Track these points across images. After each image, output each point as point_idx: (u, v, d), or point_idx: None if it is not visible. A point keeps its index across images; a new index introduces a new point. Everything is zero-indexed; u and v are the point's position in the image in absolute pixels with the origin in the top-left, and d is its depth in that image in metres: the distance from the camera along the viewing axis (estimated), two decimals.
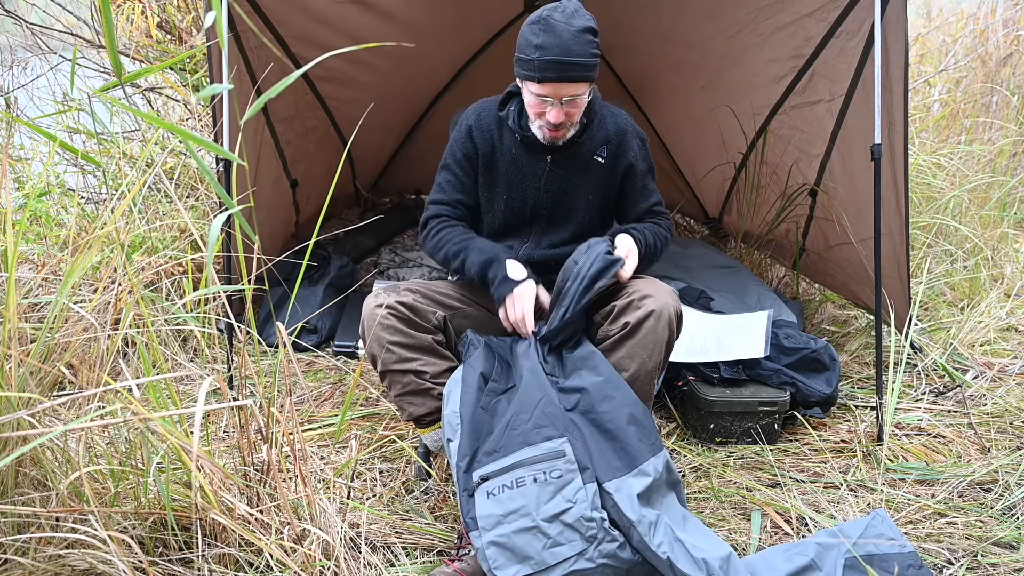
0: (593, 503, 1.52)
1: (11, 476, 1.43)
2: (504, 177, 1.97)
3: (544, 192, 1.96)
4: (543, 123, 1.84)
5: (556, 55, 1.71)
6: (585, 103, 1.84)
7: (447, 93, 3.72)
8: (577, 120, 1.87)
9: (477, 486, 1.57)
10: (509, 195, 1.97)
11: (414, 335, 1.77)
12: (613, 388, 1.65)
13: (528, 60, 1.75)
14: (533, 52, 1.73)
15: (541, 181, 1.95)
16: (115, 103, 2.75)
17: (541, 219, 1.99)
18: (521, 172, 1.96)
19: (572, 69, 1.73)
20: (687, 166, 3.79)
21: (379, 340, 1.74)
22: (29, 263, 2.54)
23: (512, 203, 1.98)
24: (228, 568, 1.51)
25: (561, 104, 1.78)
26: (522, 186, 1.96)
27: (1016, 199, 3.96)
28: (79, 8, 3.98)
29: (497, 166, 1.97)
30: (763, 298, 2.79)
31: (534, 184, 1.96)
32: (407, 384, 1.77)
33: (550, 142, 1.89)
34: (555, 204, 1.97)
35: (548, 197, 1.97)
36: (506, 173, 1.96)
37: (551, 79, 1.74)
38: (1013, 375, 2.63)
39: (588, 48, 1.74)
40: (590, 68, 1.76)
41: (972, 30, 4.78)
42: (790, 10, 2.51)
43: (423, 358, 1.77)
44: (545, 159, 1.94)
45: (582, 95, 1.80)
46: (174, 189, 3.01)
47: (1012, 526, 1.83)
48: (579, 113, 1.85)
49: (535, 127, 1.88)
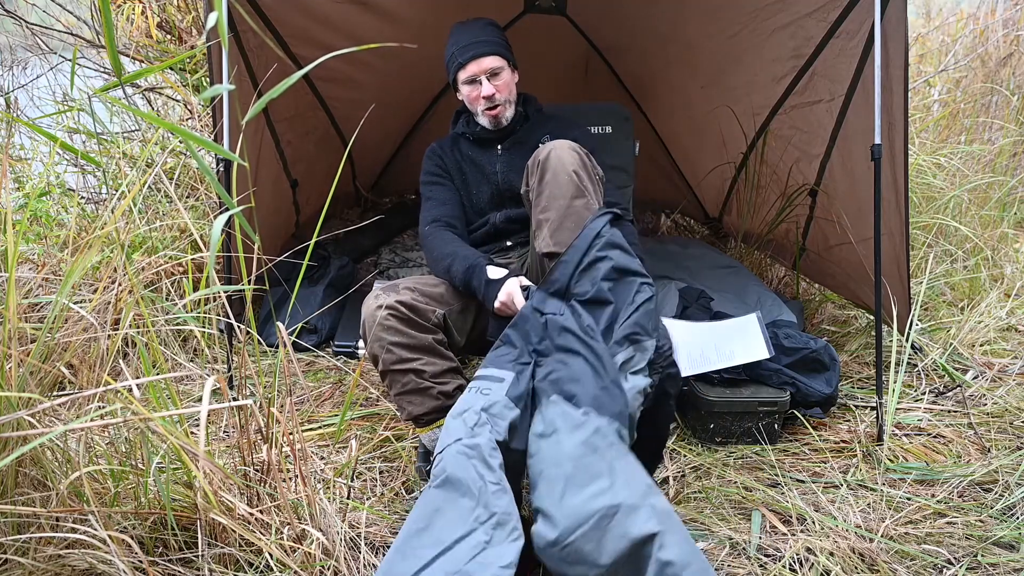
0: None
1: (11, 476, 1.43)
2: (469, 175, 2.27)
3: (501, 175, 2.25)
4: (482, 105, 2.17)
5: (469, 40, 2.14)
6: (509, 81, 2.19)
7: (447, 93, 3.72)
8: (510, 98, 2.20)
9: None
10: (476, 188, 2.27)
11: (414, 335, 1.78)
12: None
13: (450, 57, 2.18)
14: (452, 49, 2.17)
15: (497, 166, 2.25)
16: (115, 103, 2.76)
17: (505, 194, 2.25)
18: (480, 167, 2.26)
19: (484, 45, 2.13)
20: (687, 166, 3.79)
21: (380, 341, 1.75)
22: (29, 263, 2.54)
23: (481, 194, 2.26)
24: (228, 568, 1.51)
25: (488, 79, 2.13)
26: (484, 176, 2.26)
27: (1016, 199, 3.96)
28: (79, 8, 3.98)
29: (463, 171, 2.28)
30: (763, 298, 2.79)
31: (492, 171, 2.26)
32: (407, 384, 1.78)
33: (494, 124, 2.21)
34: (511, 181, 2.23)
35: (505, 178, 2.24)
36: (470, 173, 2.27)
37: (470, 58, 2.12)
38: (1013, 375, 2.63)
39: (493, 33, 2.17)
40: (500, 45, 2.16)
41: (972, 30, 4.79)
42: (790, 10, 2.51)
43: (423, 358, 1.79)
44: (496, 148, 2.27)
45: (503, 69, 2.15)
46: (174, 189, 3.01)
47: (1012, 526, 1.83)
48: (508, 89, 2.18)
49: (480, 117, 2.21)
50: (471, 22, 2.20)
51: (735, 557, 1.73)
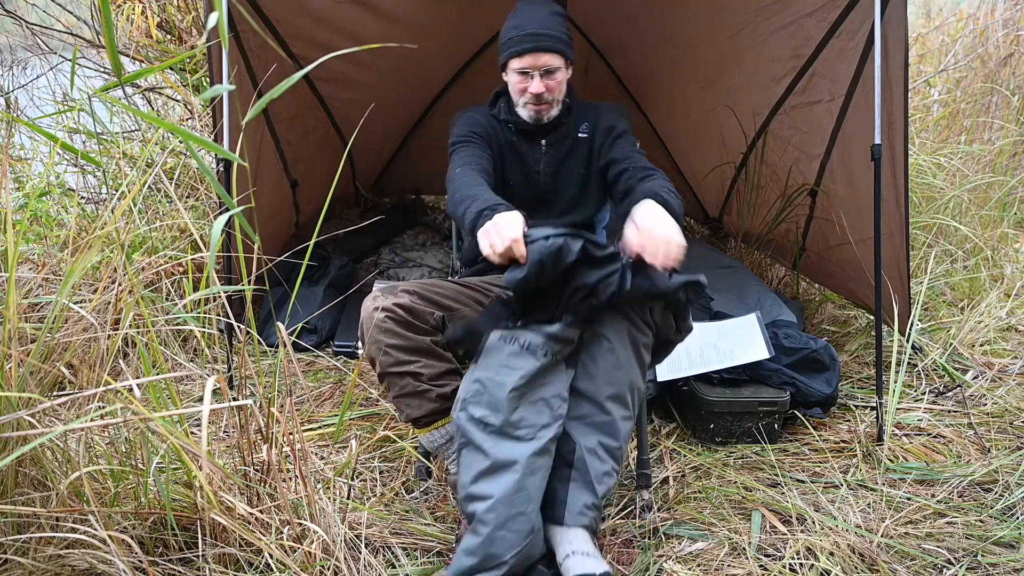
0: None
1: (11, 476, 1.43)
2: (507, 163, 2.11)
3: (544, 175, 2.12)
4: (527, 99, 2.01)
5: (532, 29, 1.95)
6: (563, 80, 2.02)
7: (447, 93, 3.72)
8: (558, 98, 2.03)
9: None
10: (515, 180, 2.12)
11: (412, 337, 1.77)
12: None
13: (508, 39, 1.98)
14: (512, 31, 1.97)
15: (540, 164, 2.11)
16: (115, 103, 2.76)
17: (545, 196, 2.12)
18: (521, 157, 2.11)
19: (546, 40, 1.95)
20: (687, 166, 3.79)
21: (377, 343, 1.74)
22: (29, 263, 2.54)
23: (518, 188, 2.11)
24: (228, 568, 1.51)
25: (541, 76, 1.97)
26: (523, 170, 2.11)
27: (1016, 199, 3.97)
28: (79, 8, 3.98)
29: (503, 152, 2.11)
30: (763, 298, 2.79)
31: (534, 168, 2.11)
32: (404, 386, 1.76)
33: (536, 119, 2.04)
34: (555, 182, 2.12)
35: (548, 178, 2.12)
36: (509, 160, 2.11)
37: (529, 50, 1.95)
38: (1013, 375, 2.63)
39: (560, 26, 1.98)
40: (563, 43, 1.98)
41: (972, 30, 4.78)
42: (790, 10, 2.51)
43: (421, 360, 1.77)
44: (540, 143, 2.10)
45: (559, 69, 1.99)
46: (174, 189, 3.01)
47: (1012, 526, 1.83)
48: (559, 89, 2.02)
49: (521, 108, 2.05)
50: (538, 5, 2.00)
51: (735, 557, 1.73)
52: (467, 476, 1.55)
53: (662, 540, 1.78)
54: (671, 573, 1.66)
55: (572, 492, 1.58)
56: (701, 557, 1.72)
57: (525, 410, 1.56)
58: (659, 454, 2.18)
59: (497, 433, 1.54)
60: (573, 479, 1.59)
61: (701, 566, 1.69)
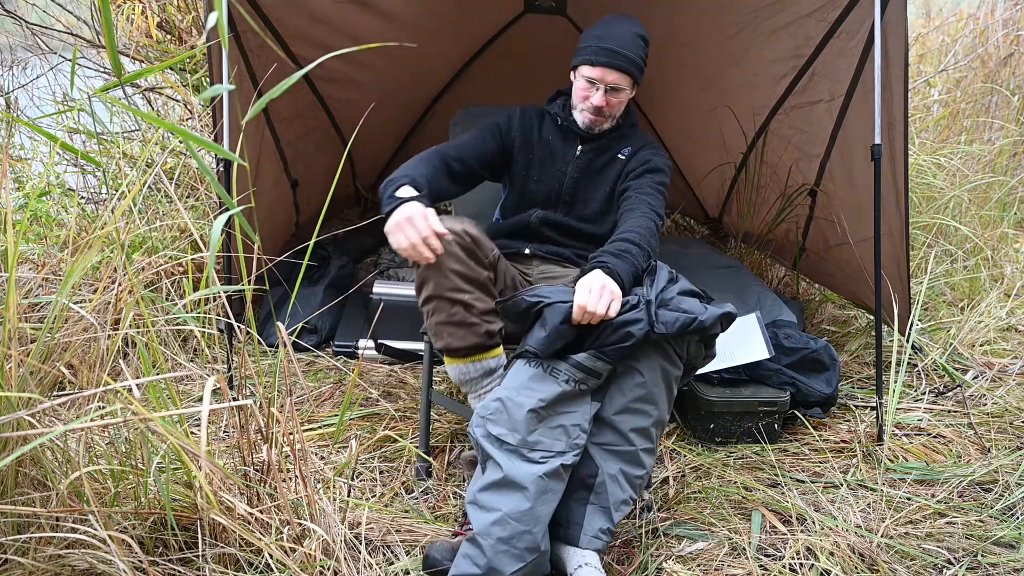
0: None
1: (11, 476, 1.43)
2: (537, 158, 2.16)
3: (570, 176, 2.14)
4: (586, 107, 2.07)
5: (612, 45, 2.00)
6: (625, 100, 2.09)
7: (447, 93, 3.72)
8: (616, 114, 2.10)
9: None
10: (539, 175, 2.16)
11: (473, 267, 1.73)
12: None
13: (587, 47, 2.04)
14: (593, 40, 2.03)
15: (569, 165, 2.15)
16: (115, 103, 2.76)
17: (565, 196, 2.15)
18: (553, 155, 2.16)
19: (621, 60, 2.00)
20: (687, 166, 3.79)
21: (439, 264, 1.71)
22: (29, 263, 2.54)
23: (541, 184, 2.15)
24: (228, 568, 1.51)
25: (606, 91, 2.03)
26: (552, 167, 2.15)
27: (1016, 199, 3.97)
28: (79, 8, 3.98)
29: (533, 147, 2.17)
30: (763, 298, 2.79)
31: (563, 167, 2.15)
32: (454, 314, 1.72)
33: (588, 127, 2.11)
34: (577, 187, 2.15)
35: (573, 181, 2.14)
36: (539, 154, 2.16)
37: (603, 63, 2.00)
38: (1013, 375, 2.63)
39: (639, 49, 2.04)
40: (636, 66, 2.03)
41: (972, 30, 4.79)
42: (790, 10, 2.51)
43: (476, 292, 1.73)
44: (576, 145, 2.15)
45: (625, 90, 2.05)
46: (174, 189, 3.01)
47: (1012, 526, 1.83)
48: (619, 107, 2.09)
49: (577, 112, 2.11)
50: (625, 23, 2.05)
51: (735, 557, 1.73)
52: (477, 484, 1.57)
53: (662, 540, 1.78)
54: (671, 573, 1.66)
55: (589, 515, 1.60)
56: (701, 557, 1.72)
57: (543, 433, 1.58)
58: (659, 454, 2.18)
59: (513, 452, 1.56)
60: (592, 502, 1.61)
61: (701, 566, 1.69)
